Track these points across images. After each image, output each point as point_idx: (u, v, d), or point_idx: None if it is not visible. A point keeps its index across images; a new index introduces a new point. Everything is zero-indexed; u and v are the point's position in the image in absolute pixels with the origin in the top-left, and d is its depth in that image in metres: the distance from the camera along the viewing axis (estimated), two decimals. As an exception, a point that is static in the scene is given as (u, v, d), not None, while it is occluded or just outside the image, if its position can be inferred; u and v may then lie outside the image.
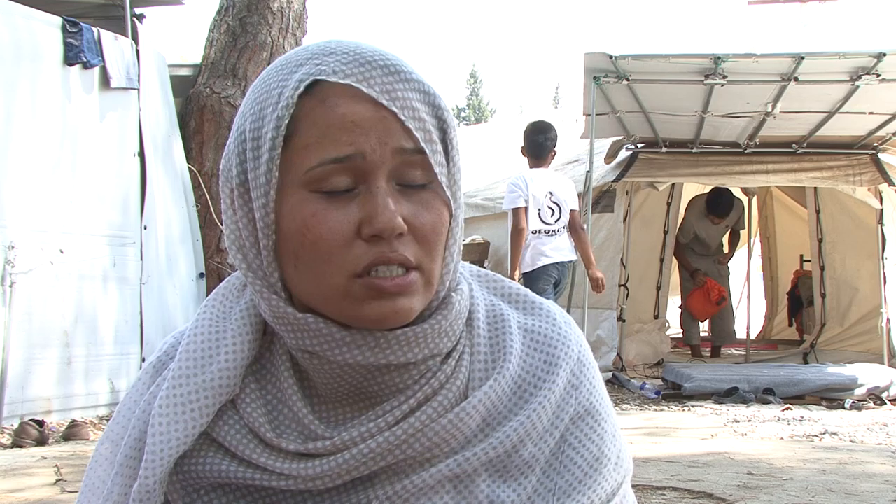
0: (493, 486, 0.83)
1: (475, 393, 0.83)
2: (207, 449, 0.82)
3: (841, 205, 7.90)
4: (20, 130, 4.67)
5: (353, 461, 0.79)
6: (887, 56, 5.72)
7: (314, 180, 0.77)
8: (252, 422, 0.81)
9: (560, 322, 0.91)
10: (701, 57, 5.96)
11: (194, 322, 0.86)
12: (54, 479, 3.45)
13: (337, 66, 0.78)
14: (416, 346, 0.80)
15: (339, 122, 0.77)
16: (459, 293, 0.85)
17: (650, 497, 3.19)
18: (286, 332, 0.81)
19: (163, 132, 5.66)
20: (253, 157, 0.79)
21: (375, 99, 0.77)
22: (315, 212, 0.77)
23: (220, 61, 6.40)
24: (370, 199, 0.77)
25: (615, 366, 7.24)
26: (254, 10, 6.43)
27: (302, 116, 0.77)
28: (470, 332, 0.86)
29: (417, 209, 0.79)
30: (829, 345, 7.80)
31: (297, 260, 0.78)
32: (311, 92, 0.77)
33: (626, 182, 7.58)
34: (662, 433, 4.71)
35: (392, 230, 0.76)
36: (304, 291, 0.80)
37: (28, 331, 4.61)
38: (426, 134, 0.79)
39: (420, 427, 0.80)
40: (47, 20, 4.85)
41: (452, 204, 0.82)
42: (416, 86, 0.80)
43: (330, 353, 0.79)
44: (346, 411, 0.83)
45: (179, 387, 0.81)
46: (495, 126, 15.78)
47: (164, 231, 5.55)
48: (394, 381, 0.81)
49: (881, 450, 4.32)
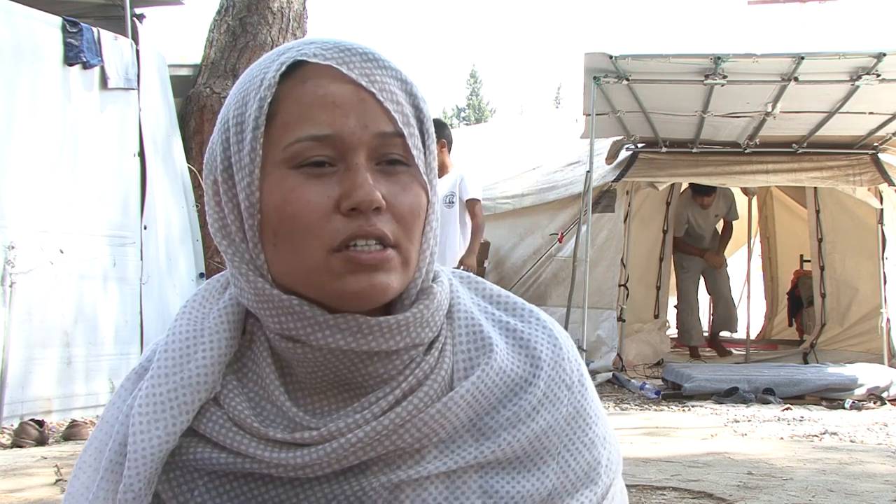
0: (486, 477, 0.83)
1: (463, 383, 0.83)
2: (197, 444, 0.82)
3: (841, 205, 7.90)
4: (20, 130, 4.67)
5: (341, 450, 0.79)
6: (887, 56, 5.72)
7: (293, 156, 0.78)
8: (237, 415, 0.82)
9: (546, 323, 0.92)
10: (701, 57, 5.96)
11: (172, 325, 0.87)
12: (54, 479, 3.45)
13: (317, 51, 0.80)
14: (399, 335, 0.81)
15: (319, 102, 0.79)
16: (440, 284, 0.86)
17: (650, 497, 3.19)
18: (270, 316, 0.81)
19: (163, 132, 5.66)
20: (236, 141, 0.81)
21: (355, 80, 0.79)
22: (294, 187, 0.78)
23: (220, 61, 6.40)
24: (349, 175, 0.78)
25: (615, 366, 7.23)
26: (254, 10, 6.43)
27: (283, 97, 0.79)
28: (451, 325, 0.87)
29: (396, 189, 0.80)
30: (829, 345, 7.80)
31: (276, 238, 0.80)
32: (292, 75, 0.80)
33: (627, 182, 7.58)
34: (662, 433, 4.71)
35: (370, 203, 0.77)
36: (284, 271, 0.81)
37: (28, 331, 4.62)
38: (404, 117, 0.81)
39: (408, 417, 0.80)
40: (47, 20, 4.85)
41: (429, 189, 0.83)
42: (392, 73, 0.82)
43: (313, 337, 0.80)
44: (329, 403, 0.84)
45: (158, 386, 0.82)
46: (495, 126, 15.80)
47: (164, 231, 5.55)
48: (377, 371, 0.82)
49: (881, 450, 4.32)
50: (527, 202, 8.29)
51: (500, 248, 8.37)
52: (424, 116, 0.84)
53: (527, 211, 8.26)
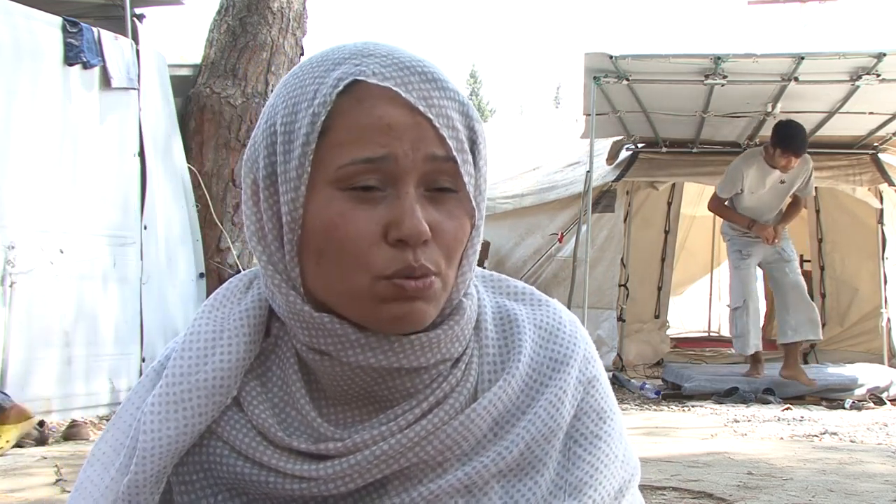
0: (507, 487, 0.83)
1: (485, 395, 0.83)
2: (222, 449, 0.82)
3: (841, 205, 7.90)
4: (20, 130, 4.66)
5: (365, 463, 0.79)
6: (887, 56, 5.71)
7: (343, 178, 0.77)
8: (261, 423, 0.81)
9: (566, 319, 0.92)
10: (701, 57, 5.96)
11: (192, 324, 0.86)
12: (54, 479, 3.45)
13: (376, 69, 0.78)
14: (430, 351, 0.81)
15: (374, 124, 0.77)
16: (470, 298, 0.86)
17: (650, 497, 3.19)
18: (301, 329, 0.81)
19: (163, 132, 5.66)
20: (284, 151, 0.79)
21: (412, 104, 0.77)
22: (343, 211, 0.77)
23: (220, 61, 6.40)
24: (398, 203, 0.77)
25: (615, 366, 7.24)
26: (254, 10, 6.43)
27: (337, 115, 0.77)
28: (478, 336, 0.87)
29: (442, 217, 0.79)
30: (829, 345, 7.80)
31: (320, 257, 0.78)
32: (348, 91, 0.78)
33: (627, 182, 7.59)
34: (662, 433, 4.71)
35: (418, 237, 0.76)
36: (323, 288, 0.80)
37: (28, 331, 4.61)
38: (459, 143, 0.79)
39: (432, 430, 0.80)
40: (47, 20, 4.84)
41: (476, 214, 0.82)
42: (451, 95, 0.80)
43: (343, 353, 0.80)
44: (353, 415, 0.83)
45: (173, 385, 0.81)
46: (495, 126, 15.79)
47: (164, 231, 5.55)
48: (404, 385, 0.82)
49: (881, 450, 4.32)
50: (527, 202, 8.29)
51: (500, 249, 8.37)
52: (479, 138, 0.83)
53: (527, 211, 8.27)
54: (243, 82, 6.31)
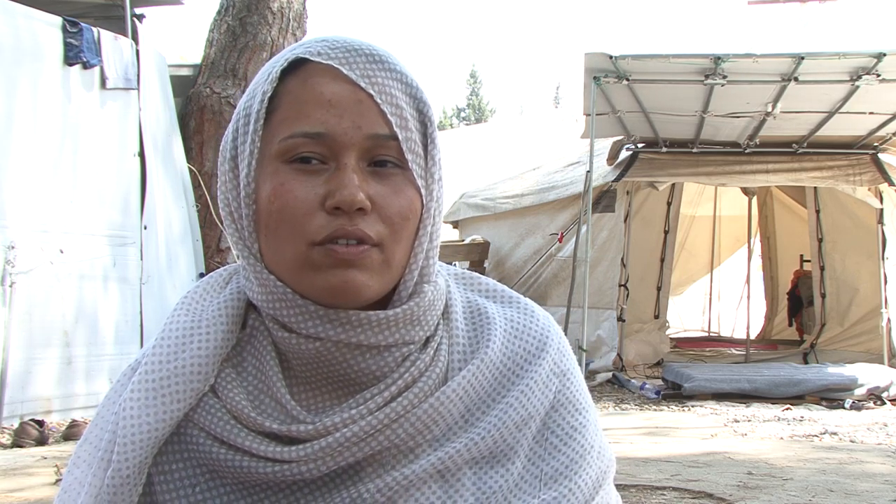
0: (479, 473, 0.84)
1: (454, 378, 0.85)
2: (199, 435, 0.83)
3: (841, 205, 7.90)
4: (20, 130, 4.67)
5: (336, 445, 0.80)
6: (887, 56, 5.72)
7: (285, 151, 0.80)
8: (234, 405, 0.83)
9: (539, 315, 0.94)
10: (701, 57, 5.96)
11: (169, 316, 0.88)
12: (54, 479, 3.45)
13: (322, 49, 0.82)
14: (388, 330, 0.82)
15: (315, 100, 0.80)
16: (433, 285, 0.87)
17: (650, 497, 3.19)
18: (267, 301, 0.83)
19: (163, 132, 5.66)
20: (243, 133, 0.84)
21: (354, 81, 0.80)
22: (284, 181, 0.80)
23: (220, 61, 6.40)
24: (337, 174, 0.80)
25: (615, 366, 7.24)
26: (254, 10, 6.43)
27: (284, 93, 0.81)
28: (448, 325, 0.89)
29: (386, 191, 0.81)
30: (829, 345, 7.81)
31: (268, 230, 0.81)
32: (295, 72, 0.82)
33: (627, 182, 7.59)
34: (662, 433, 4.71)
35: (352, 204, 0.78)
36: (274, 261, 0.82)
37: (28, 331, 4.61)
38: (401, 121, 0.81)
39: (402, 412, 0.82)
40: (47, 20, 4.85)
41: (425, 195, 0.83)
42: (397, 76, 0.82)
43: (303, 326, 0.81)
44: (325, 399, 0.85)
45: (151, 373, 0.83)
46: (495, 126, 15.79)
47: (164, 231, 5.55)
48: (370, 367, 0.83)
49: (881, 450, 4.32)
50: (527, 202, 8.30)
51: (500, 248, 8.37)
52: (429, 122, 0.84)
53: (527, 211, 8.27)
54: (243, 82, 6.32)
